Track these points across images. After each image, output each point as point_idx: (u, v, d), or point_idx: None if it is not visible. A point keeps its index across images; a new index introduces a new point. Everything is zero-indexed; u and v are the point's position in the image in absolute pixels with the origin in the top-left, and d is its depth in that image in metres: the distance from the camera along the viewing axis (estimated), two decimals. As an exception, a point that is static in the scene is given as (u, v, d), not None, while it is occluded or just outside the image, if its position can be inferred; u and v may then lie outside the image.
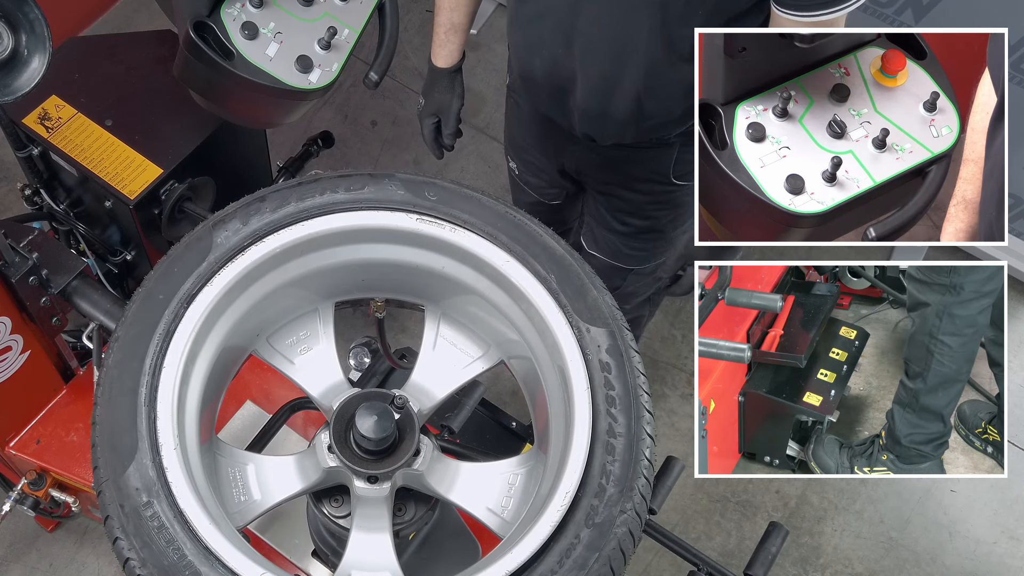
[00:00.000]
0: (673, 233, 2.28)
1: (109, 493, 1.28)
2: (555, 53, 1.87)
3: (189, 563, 1.24)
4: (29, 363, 2.01)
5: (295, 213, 1.50)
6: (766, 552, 1.70)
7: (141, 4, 3.68)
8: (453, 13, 2.06)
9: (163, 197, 2.16)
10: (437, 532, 1.71)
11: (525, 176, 2.35)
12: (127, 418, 1.32)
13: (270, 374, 1.99)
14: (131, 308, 1.42)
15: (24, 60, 1.59)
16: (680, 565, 1.71)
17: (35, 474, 2.22)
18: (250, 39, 1.82)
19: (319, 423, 1.60)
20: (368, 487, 1.47)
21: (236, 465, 1.52)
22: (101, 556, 2.74)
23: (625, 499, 1.33)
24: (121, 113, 2.20)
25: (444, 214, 1.52)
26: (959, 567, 2.94)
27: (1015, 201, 3.16)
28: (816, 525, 2.99)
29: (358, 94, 3.60)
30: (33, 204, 2.31)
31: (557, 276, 1.48)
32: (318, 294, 1.63)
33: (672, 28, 1.70)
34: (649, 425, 1.40)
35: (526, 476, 1.54)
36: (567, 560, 1.29)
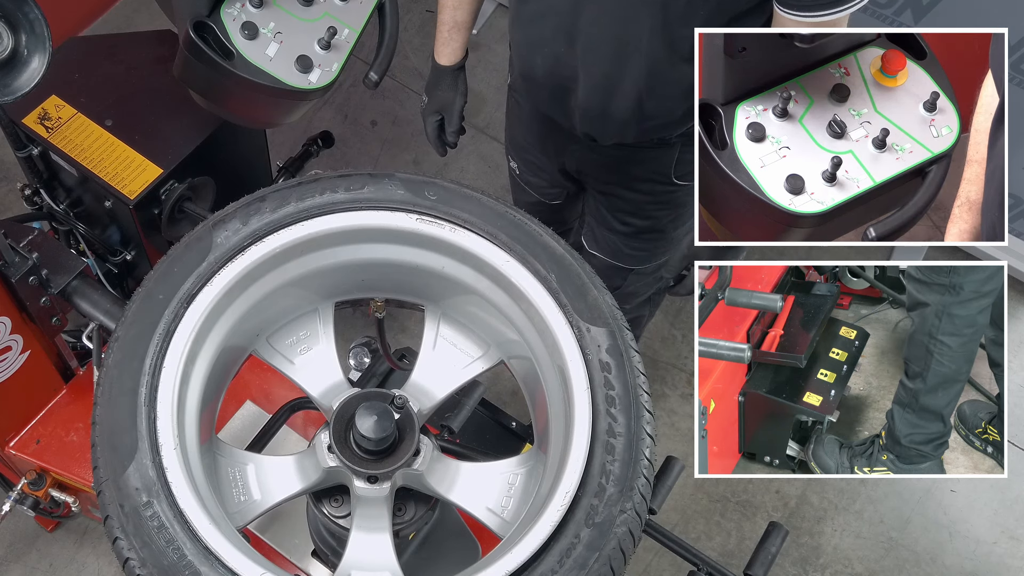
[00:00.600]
0: (674, 233, 2.28)
1: (109, 493, 1.28)
2: (556, 52, 1.87)
3: (189, 563, 1.24)
4: (29, 363, 2.01)
5: (295, 213, 1.50)
6: (766, 552, 1.70)
7: (141, 4, 3.68)
8: (456, 11, 2.06)
9: (163, 197, 2.15)
10: (437, 532, 1.71)
11: (526, 176, 2.35)
12: (127, 418, 1.32)
13: (270, 374, 1.99)
14: (131, 308, 1.42)
15: (24, 60, 1.59)
16: (680, 565, 1.71)
17: (35, 474, 2.22)
18: (250, 39, 1.82)
19: (319, 423, 1.60)
20: (368, 487, 1.47)
21: (236, 465, 1.52)
22: (101, 556, 2.74)
23: (625, 499, 1.33)
24: (121, 113, 2.20)
25: (444, 214, 1.52)
26: (959, 567, 2.94)
27: (1015, 201, 3.16)
28: (816, 525, 2.99)
29: (358, 94, 3.59)
30: (33, 204, 2.31)
31: (557, 275, 1.48)
32: (318, 294, 1.63)
33: (673, 28, 1.70)
34: (649, 425, 1.40)
35: (526, 476, 1.54)
36: (567, 560, 1.29)
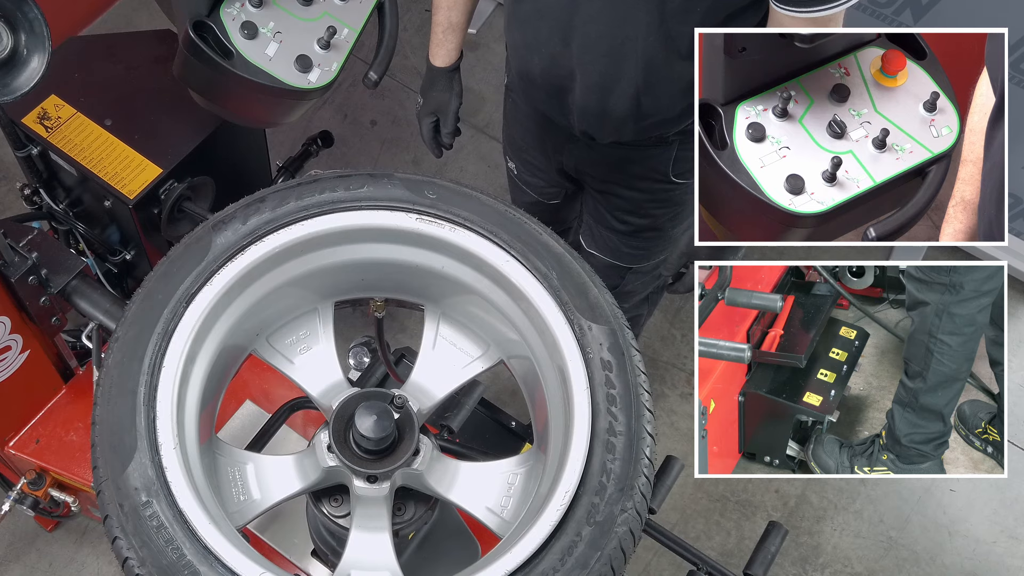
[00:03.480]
0: (672, 231, 2.28)
1: (108, 492, 1.28)
2: (553, 51, 1.87)
3: (188, 562, 1.23)
4: (28, 363, 2.01)
5: (294, 212, 1.50)
6: (765, 551, 1.70)
7: (141, 4, 3.68)
8: (451, 12, 2.06)
9: (162, 197, 2.15)
10: (436, 532, 1.71)
11: (524, 176, 2.35)
12: (126, 418, 1.32)
13: (270, 374, 1.99)
14: (131, 308, 1.42)
15: (23, 60, 1.59)
16: (680, 564, 1.71)
17: (34, 474, 2.22)
18: (249, 39, 1.82)
19: (319, 423, 1.60)
20: (367, 487, 1.47)
21: (236, 464, 1.52)
22: (100, 556, 2.74)
23: (626, 498, 1.33)
24: (120, 113, 2.19)
25: (443, 212, 1.52)
26: (958, 566, 2.94)
27: (1015, 201, 3.16)
28: (815, 524, 2.99)
29: (357, 94, 3.59)
30: (32, 204, 2.31)
31: (558, 273, 1.48)
32: (318, 294, 1.63)
33: (670, 25, 1.70)
34: (650, 424, 1.40)
35: (525, 476, 1.54)
36: (568, 559, 1.29)
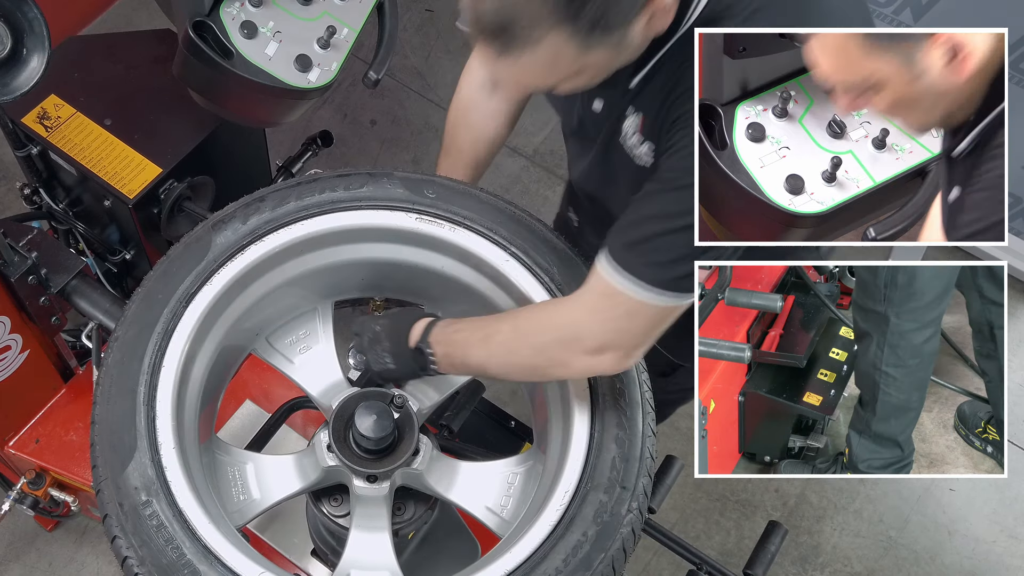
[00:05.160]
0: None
1: (108, 492, 1.28)
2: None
3: (188, 562, 1.24)
4: (28, 362, 2.01)
5: (294, 212, 1.50)
6: (765, 551, 1.70)
7: (141, 3, 3.67)
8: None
9: (162, 196, 2.15)
10: (436, 531, 1.71)
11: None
12: (126, 417, 1.32)
13: (270, 373, 1.99)
14: (130, 308, 1.42)
15: (23, 59, 1.59)
16: (680, 564, 1.71)
17: (34, 473, 2.22)
18: (249, 38, 1.81)
19: (318, 422, 1.60)
20: (367, 486, 1.47)
21: (235, 464, 1.52)
22: (100, 555, 2.74)
23: (626, 497, 1.33)
24: (120, 112, 2.19)
25: (443, 211, 1.52)
26: (958, 566, 2.94)
27: (1015, 201, 3.16)
28: (815, 524, 2.99)
29: (357, 93, 3.59)
30: (32, 203, 2.30)
31: (560, 269, 1.48)
32: (317, 293, 1.63)
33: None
34: (651, 423, 1.40)
35: (525, 475, 1.54)
36: (572, 559, 1.29)
